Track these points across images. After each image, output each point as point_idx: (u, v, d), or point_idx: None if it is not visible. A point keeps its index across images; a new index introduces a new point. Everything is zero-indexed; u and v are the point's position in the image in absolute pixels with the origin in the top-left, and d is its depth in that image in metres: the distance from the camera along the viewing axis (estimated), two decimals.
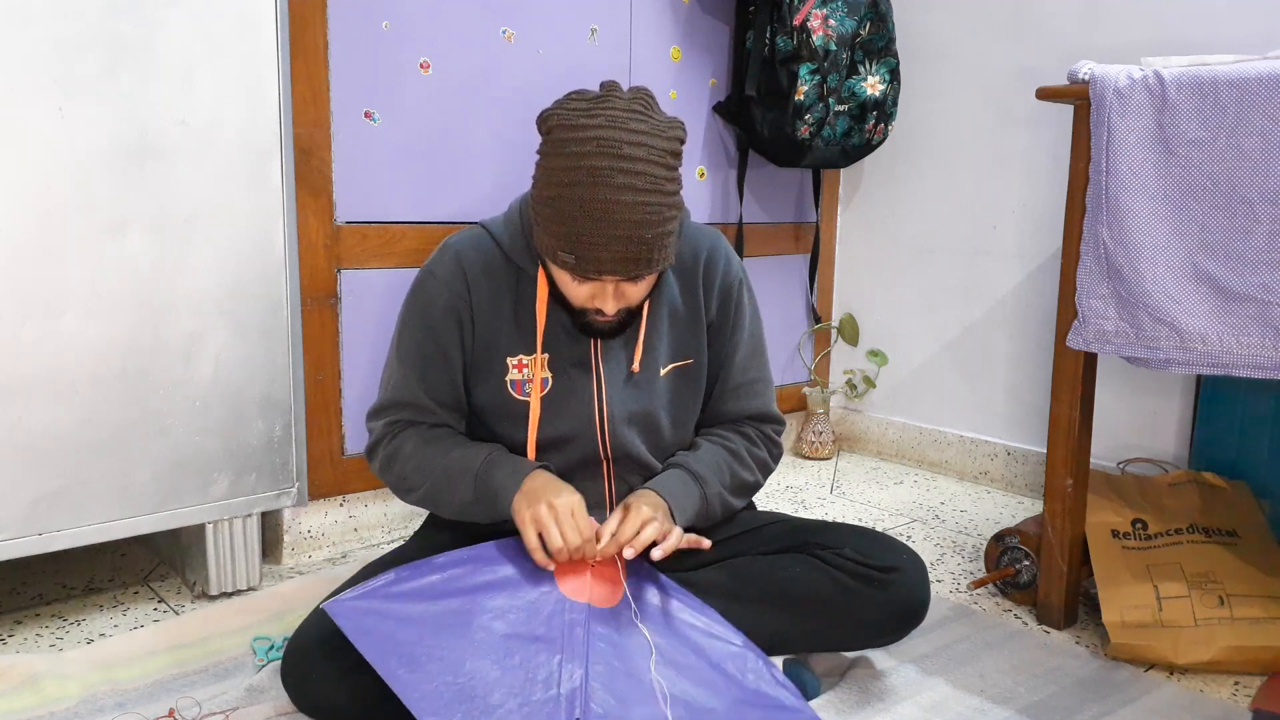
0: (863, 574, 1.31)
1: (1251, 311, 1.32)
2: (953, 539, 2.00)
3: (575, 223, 1.17)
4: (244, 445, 1.59)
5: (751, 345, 1.44)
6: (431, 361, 1.35)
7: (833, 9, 2.19)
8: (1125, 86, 1.39)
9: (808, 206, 2.62)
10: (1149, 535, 1.56)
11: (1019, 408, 2.34)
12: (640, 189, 1.17)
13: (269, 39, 1.54)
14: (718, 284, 1.41)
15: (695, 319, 1.40)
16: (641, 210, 1.17)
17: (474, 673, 1.10)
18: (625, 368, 1.37)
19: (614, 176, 1.16)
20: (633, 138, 1.17)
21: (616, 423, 1.35)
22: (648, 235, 1.19)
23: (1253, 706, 1.34)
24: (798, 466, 2.54)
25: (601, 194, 1.16)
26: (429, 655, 1.10)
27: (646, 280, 1.28)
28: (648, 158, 1.17)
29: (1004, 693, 1.37)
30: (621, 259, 1.19)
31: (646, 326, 1.37)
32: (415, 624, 1.13)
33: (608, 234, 1.17)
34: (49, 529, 1.44)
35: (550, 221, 1.21)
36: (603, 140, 1.16)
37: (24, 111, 1.34)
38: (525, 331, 1.34)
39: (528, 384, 1.34)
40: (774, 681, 1.23)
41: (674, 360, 1.40)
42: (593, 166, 1.16)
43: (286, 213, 1.60)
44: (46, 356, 1.40)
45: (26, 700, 1.30)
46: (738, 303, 1.43)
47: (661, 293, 1.38)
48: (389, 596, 1.15)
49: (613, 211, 1.16)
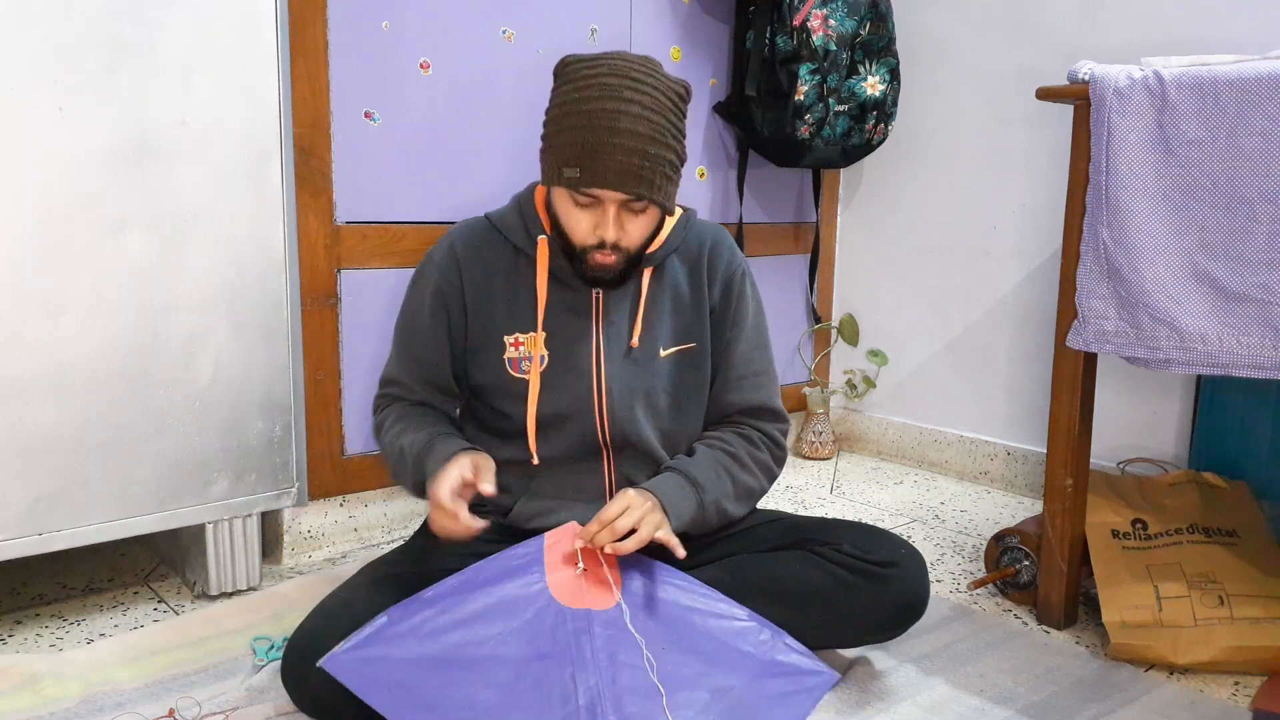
0: (862, 569, 1.31)
1: (1251, 311, 1.32)
2: (953, 539, 2.00)
3: (581, 133, 1.22)
4: (244, 445, 1.59)
5: (754, 338, 1.45)
6: (417, 340, 1.41)
7: (833, 9, 2.19)
8: (1125, 86, 1.39)
9: (808, 206, 2.62)
10: (1149, 535, 1.56)
11: (1019, 408, 2.34)
12: (648, 106, 1.23)
13: (269, 39, 1.54)
14: (720, 271, 1.43)
15: (699, 305, 1.42)
16: (647, 124, 1.23)
17: (489, 704, 1.09)
18: (625, 344, 1.38)
19: (622, 91, 1.23)
20: (642, 70, 1.26)
21: (615, 399, 1.36)
22: (651, 151, 1.23)
23: (1253, 706, 1.34)
24: (798, 466, 2.54)
25: (609, 104, 1.22)
26: (439, 695, 1.08)
27: (646, 219, 1.30)
28: (656, 86, 1.25)
29: (1004, 693, 1.37)
30: (623, 172, 1.22)
31: (646, 304, 1.38)
32: (418, 666, 1.10)
33: (612, 143, 1.21)
34: (49, 529, 1.44)
35: (556, 139, 1.26)
36: (614, 66, 1.25)
37: (24, 111, 1.34)
38: (523, 310, 1.37)
39: (525, 361, 1.37)
40: (787, 649, 1.22)
41: (676, 343, 1.41)
42: (603, 83, 1.23)
43: (286, 213, 1.60)
44: (46, 356, 1.40)
45: (26, 700, 1.30)
46: (740, 293, 1.44)
47: (664, 275, 1.40)
48: (387, 640, 1.12)
49: (618, 121, 1.21)
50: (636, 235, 1.31)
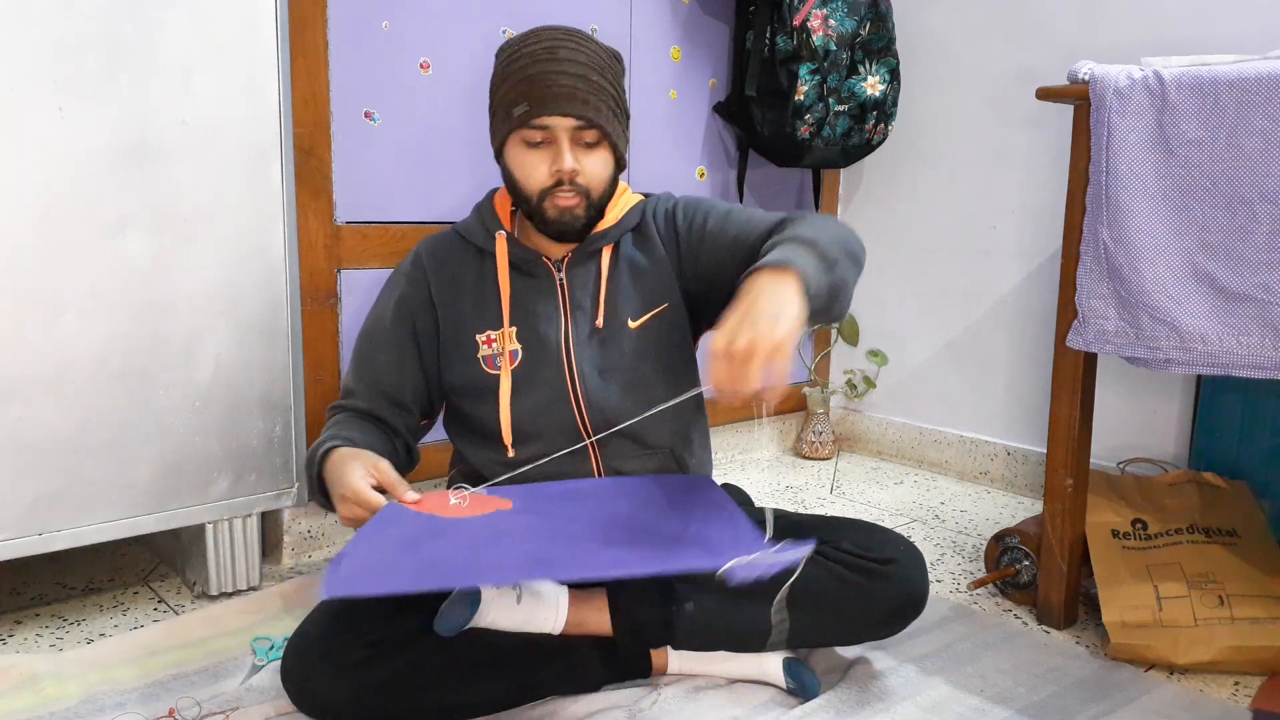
0: (861, 566, 1.31)
1: (1251, 311, 1.32)
2: (953, 539, 2.00)
3: (525, 70, 1.28)
4: (244, 445, 1.59)
5: (731, 210, 1.42)
6: (375, 348, 1.41)
7: (833, 9, 2.19)
8: (1125, 86, 1.39)
9: (808, 206, 2.62)
10: (1149, 535, 1.56)
11: (1019, 408, 2.34)
12: (583, 40, 1.32)
13: (269, 39, 1.54)
14: (662, 216, 1.44)
15: (657, 264, 1.42)
16: (585, 53, 1.30)
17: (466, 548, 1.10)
18: (590, 325, 1.38)
19: (558, 36, 1.31)
20: (575, 30, 1.34)
21: (588, 381, 1.36)
22: (593, 78, 1.29)
23: (1253, 706, 1.34)
24: (798, 466, 2.54)
25: (547, 43, 1.29)
26: (431, 555, 1.07)
27: (601, 157, 1.33)
28: (589, 39, 1.34)
29: (1004, 693, 1.37)
30: (569, 95, 1.27)
31: (608, 283, 1.39)
32: (399, 548, 1.09)
33: (555, 70, 1.27)
34: (49, 529, 1.44)
35: (503, 86, 1.31)
36: (550, 25, 1.34)
37: (24, 111, 1.34)
38: (490, 307, 1.39)
39: (499, 358, 1.37)
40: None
41: (645, 310, 1.41)
42: (539, 34, 1.32)
43: (286, 213, 1.60)
44: (46, 356, 1.40)
45: (26, 700, 1.30)
46: (693, 207, 1.44)
47: (621, 252, 1.41)
48: (358, 543, 1.09)
49: (558, 52, 1.28)
50: (593, 173, 1.32)
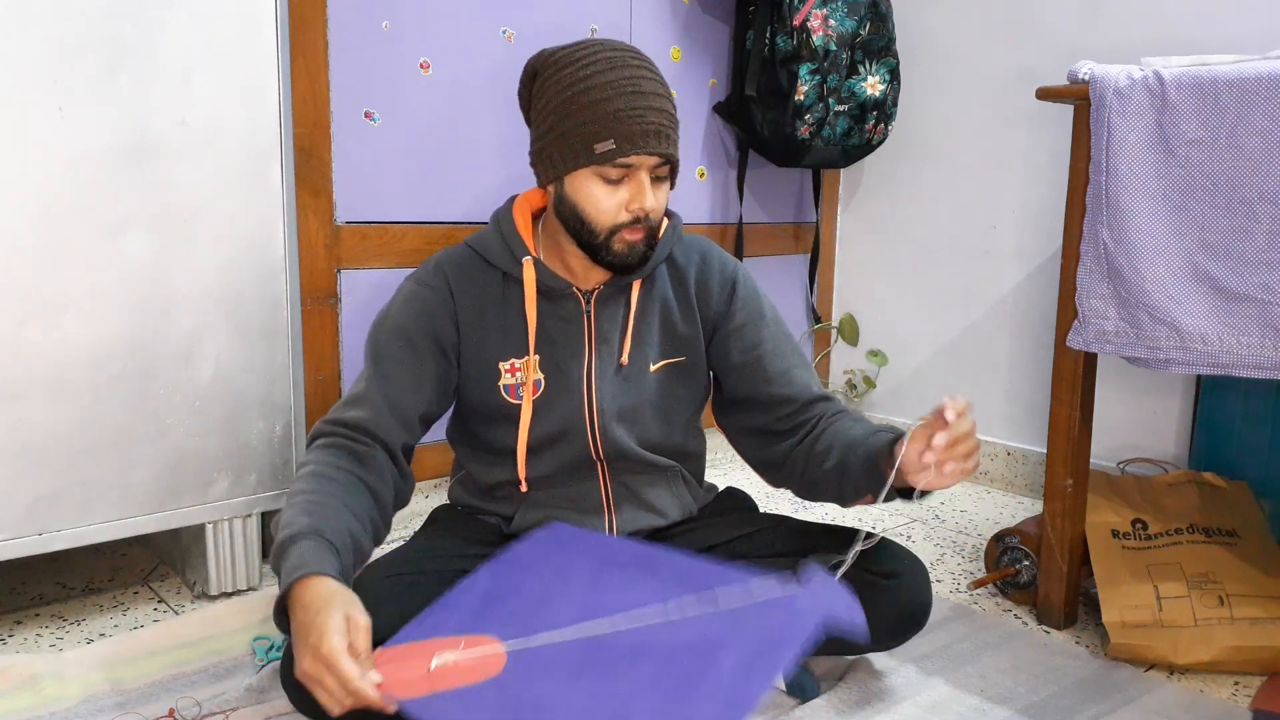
0: (864, 579, 1.30)
1: (1251, 311, 1.32)
2: (953, 539, 2.00)
3: (609, 103, 1.21)
4: (244, 445, 1.59)
5: (779, 329, 1.42)
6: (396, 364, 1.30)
7: (833, 9, 2.19)
8: (1125, 86, 1.39)
9: (808, 206, 2.62)
10: (1149, 535, 1.56)
11: (1019, 408, 2.34)
12: (652, 66, 1.27)
13: (269, 39, 1.54)
14: (715, 278, 1.40)
15: (689, 318, 1.40)
16: (660, 83, 1.26)
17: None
18: (615, 360, 1.37)
19: (628, 59, 1.24)
20: (627, 44, 1.28)
21: (607, 418, 1.36)
22: (670, 109, 1.26)
23: (1253, 706, 1.34)
24: None
25: (626, 73, 1.23)
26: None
27: (666, 190, 1.30)
28: (645, 57, 1.28)
29: (1004, 693, 1.37)
30: (657, 132, 1.23)
31: (635, 318, 1.37)
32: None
33: (642, 105, 1.22)
34: (49, 529, 1.44)
35: (574, 119, 1.23)
36: (602, 42, 1.26)
37: (24, 111, 1.34)
38: (515, 335, 1.34)
39: (521, 387, 1.35)
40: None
41: (666, 357, 1.39)
42: (608, 57, 1.24)
43: (286, 213, 1.59)
44: (46, 357, 1.40)
45: (26, 700, 1.30)
46: (750, 293, 1.41)
47: (654, 287, 1.39)
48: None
49: (640, 84, 1.23)
50: (660, 206, 1.29)
